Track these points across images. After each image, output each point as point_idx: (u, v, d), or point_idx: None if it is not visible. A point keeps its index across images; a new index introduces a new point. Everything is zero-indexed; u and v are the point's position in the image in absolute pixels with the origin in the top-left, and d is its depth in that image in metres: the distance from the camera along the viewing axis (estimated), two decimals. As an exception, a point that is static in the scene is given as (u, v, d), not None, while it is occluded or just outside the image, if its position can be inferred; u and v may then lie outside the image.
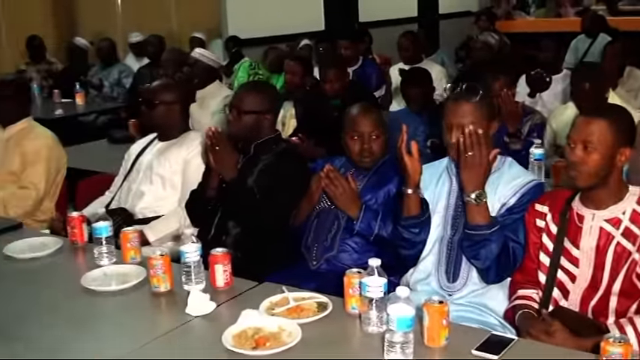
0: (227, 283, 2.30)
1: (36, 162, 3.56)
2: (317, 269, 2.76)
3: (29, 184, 3.53)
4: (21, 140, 3.63)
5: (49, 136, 3.69)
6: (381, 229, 2.67)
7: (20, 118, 3.70)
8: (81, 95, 6.66)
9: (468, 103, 2.32)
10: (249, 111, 3.00)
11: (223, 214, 3.01)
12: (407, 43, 5.72)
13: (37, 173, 3.55)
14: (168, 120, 3.35)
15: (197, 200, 3.07)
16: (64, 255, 2.73)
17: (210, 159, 2.89)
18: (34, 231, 3.18)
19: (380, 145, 2.80)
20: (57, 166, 3.67)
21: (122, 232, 2.56)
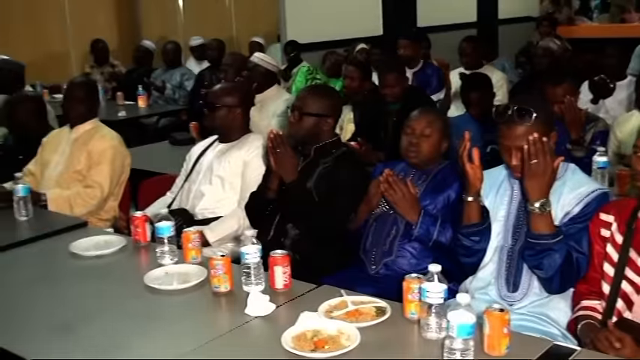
0: (286, 285, 2.31)
1: (101, 162, 3.64)
2: (375, 273, 2.75)
3: (94, 184, 3.61)
4: (88, 140, 3.71)
5: (114, 137, 3.77)
6: (440, 234, 2.66)
7: (88, 119, 3.79)
8: (143, 98, 6.78)
9: (522, 126, 2.26)
10: (310, 113, 3.02)
11: (282, 217, 3.03)
12: (468, 49, 5.67)
13: (102, 173, 3.63)
14: (229, 122, 3.40)
15: (257, 202, 3.11)
16: (128, 253, 2.79)
17: (271, 161, 2.92)
18: (98, 229, 3.26)
19: (430, 145, 2.80)
20: (121, 166, 3.74)
21: (184, 233, 2.60)
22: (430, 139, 2.80)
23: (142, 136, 5.95)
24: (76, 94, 3.77)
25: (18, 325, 2.18)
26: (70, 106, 3.78)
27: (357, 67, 4.97)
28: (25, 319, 2.22)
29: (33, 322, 2.19)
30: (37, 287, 2.50)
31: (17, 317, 2.24)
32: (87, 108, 3.78)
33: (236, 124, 3.42)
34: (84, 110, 3.77)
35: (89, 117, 3.79)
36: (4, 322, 2.22)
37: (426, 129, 2.80)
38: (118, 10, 9.97)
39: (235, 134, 3.43)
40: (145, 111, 6.77)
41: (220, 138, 3.49)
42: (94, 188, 3.61)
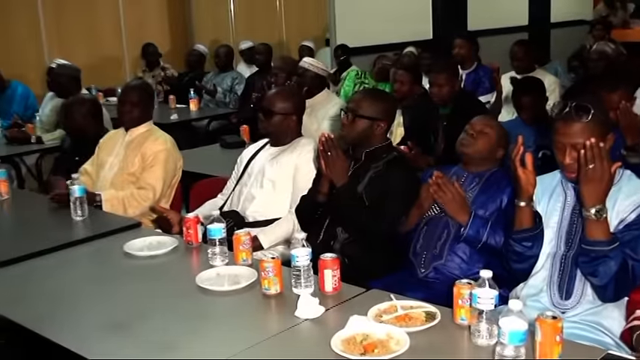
0: (335, 288, 2.32)
1: (154, 164, 3.70)
2: (424, 277, 2.74)
3: (147, 186, 3.67)
4: (142, 143, 3.78)
5: (167, 140, 3.82)
6: (490, 237, 2.64)
7: (143, 122, 3.85)
8: (195, 101, 6.88)
9: (579, 122, 2.23)
10: (363, 116, 3.03)
11: (332, 220, 3.03)
12: (520, 52, 5.59)
13: (155, 175, 3.68)
14: (283, 128, 3.42)
15: (307, 205, 3.12)
16: (179, 254, 2.83)
17: (322, 164, 2.93)
18: (151, 230, 3.31)
19: (485, 143, 2.83)
20: (174, 169, 3.80)
21: (235, 235, 2.62)
22: (487, 138, 2.84)
23: (193, 139, 6.03)
24: (131, 97, 3.83)
25: (75, 323, 2.24)
26: (125, 110, 3.84)
27: (407, 71, 4.95)
28: (82, 317, 2.27)
29: (89, 320, 2.24)
30: (93, 286, 2.57)
31: (74, 315, 2.29)
32: (141, 111, 3.84)
33: (289, 130, 3.44)
34: (138, 114, 3.83)
35: (143, 120, 3.85)
36: (61, 319, 2.27)
37: (486, 128, 2.86)
38: (170, 14, 10.14)
39: (288, 138, 3.45)
40: (196, 114, 6.86)
41: (272, 142, 3.52)
42: (147, 190, 3.66)
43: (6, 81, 6.36)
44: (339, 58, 7.95)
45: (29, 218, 3.49)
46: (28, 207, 3.61)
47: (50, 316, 2.30)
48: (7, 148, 5.40)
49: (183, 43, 9.95)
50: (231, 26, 10.38)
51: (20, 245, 2.98)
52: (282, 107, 3.40)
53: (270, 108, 3.40)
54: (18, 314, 2.32)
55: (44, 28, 8.70)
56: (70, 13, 8.94)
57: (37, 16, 8.65)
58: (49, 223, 3.35)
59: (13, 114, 6.01)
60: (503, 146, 2.88)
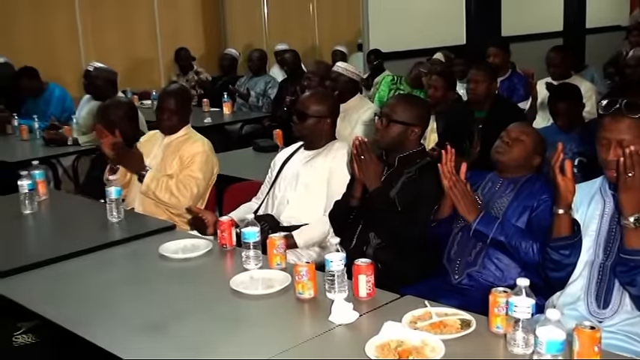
0: (369, 293, 2.31)
1: (192, 164, 3.70)
2: (458, 284, 2.72)
3: (187, 184, 3.65)
4: (180, 146, 3.78)
5: (205, 143, 3.82)
6: (498, 233, 2.62)
7: (181, 127, 3.87)
8: (228, 105, 6.92)
9: (629, 118, 2.19)
10: (398, 120, 3.03)
11: (365, 225, 3.03)
12: (557, 59, 5.53)
13: (194, 175, 3.67)
14: (317, 132, 3.42)
15: (340, 210, 3.12)
16: (213, 257, 2.84)
17: (355, 168, 2.93)
18: (185, 232, 3.33)
19: (521, 150, 2.80)
20: (211, 172, 3.79)
21: (269, 239, 2.63)
22: (522, 145, 2.81)
23: (227, 143, 6.06)
24: (169, 104, 3.81)
25: (110, 323, 2.26)
26: (163, 117, 3.82)
27: (441, 77, 4.93)
28: (117, 317, 2.30)
29: (124, 321, 2.26)
30: (128, 287, 2.59)
31: (109, 315, 2.32)
32: (179, 117, 3.84)
33: (324, 133, 3.44)
34: (177, 120, 3.83)
35: (182, 125, 3.86)
36: (96, 319, 2.29)
37: (522, 135, 2.82)
38: (205, 18, 10.23)
39: (322, 142, 3.45)
40: (230, 118, 6.90)
41: (306, 145, 3.52)
42: (186, 188, 3.64)
43: (44, 83, 6.46)
44: (372, 63, 7.94)
45: (66, 219, 3.53)
46: (65, 208, 3.66)
47: (85, 316, 2.33)
48: (44, 150, 5.48)
49: (216, 47, 10.03)
50: (265, 30, 10.44)
51: (57, 246, 3.02)
52: (316, 110, 3.40)
53: (304, 111, 3.41)
54: (53, 313, 2.35)
55: (81, 31, 8.84)
56: (106, 16, 9.07)
57: (75, 20, 8.79)
58: (85, 224, 3.38)
59: (50, 116, 6.10)
60: (540, 153, 2.85)
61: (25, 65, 6.52)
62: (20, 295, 2.52)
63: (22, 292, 2.56)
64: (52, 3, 8.62)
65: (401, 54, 8.20)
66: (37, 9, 8.46)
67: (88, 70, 5.69)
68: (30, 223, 3.44)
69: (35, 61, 6.78)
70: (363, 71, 8.40)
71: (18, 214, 3.44)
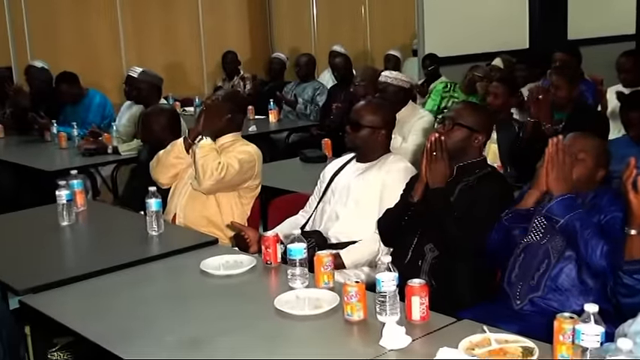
0: (423, 317, 2.29)
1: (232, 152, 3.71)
2: (520, 309, 2.67)
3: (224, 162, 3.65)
4: (227, 149, 3.78)
5: (255, 149, 3.82)
6: (576, 218, 2.54)
7: (232, 132, 3.88)
8: (274, 112, 6.95)
9: None
10: (463, 124, 3.05)
11: (421, 238, 3.01)
12: (628, 64, 5.41)
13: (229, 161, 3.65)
14: (372, 143, 3.42)
15: (393, 213, 3.11)
16: (257, 274, 2.85)
17: (423, 163, 2.94)
18: (228, 248, 3.35)
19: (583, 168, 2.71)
20: (250, 175, 3.76)
21: (316, 256, 2.62)
22: (582, 165, 2.71)
23: (272, 152, 6.10)
24: (221, 111, 3.82)
25: (146, 340, 2.29)
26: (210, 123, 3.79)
27: (502, 83, 4.86)
28: (154, 334, 2.33)
29: (161, 338, 2.29)
30: (167, 304, 2.61)
31: (146, 333, 2.35)
32: (232, 123, 3.86)
33: (378, 145, 3.44)
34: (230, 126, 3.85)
35: (229, 130, 3.86)
36: (133, 337, 2.32)
37: (580, 153, 2.72)
38: (251, 21, 10.33)
39: (376, 154, 3.45)
40: (276, 126, 6.93)
41: (359, 157, 3.51)
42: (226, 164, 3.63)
43: (83, 89, 6.58)
44: (427, 69, 7.89)
45: (104, 231, 3.60)
46: (103, 220, 3.72)
47: (121, 332, 2.36)
48: (83, 159, 5.58)
49: (263, 50, 10.12)
50: (313, 33, 10.48)
51: (94, 260, 3.08)
52: (370, 120, 3.40)
53: (358, 120, 3.41)
54: (88, 329, 2.39)
55: (122, 36, 9.02)
56: (148, 20, 9.25)
57: (116, 24, 8.98)
58: (123, 237, 3.44)
59: (90, 123, 6.22)
60: (604, 165, 2.76)
61: (65, 70, 6.66)
62: (55, 310, 2.57)
63: (57, 307, 2.61)
64: (94, 7, 8.83)
65: (459, 59, 8.12)
66: (79, 14, 8.69)
67: (131, 75, 5.77)
68: (67, 236, 3.51)
69: (75, 67, 6.93)
70: (417, 77, 8.39)
71: (55, 225, 3.51)
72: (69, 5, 8.63)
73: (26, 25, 8.36)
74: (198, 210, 3.75)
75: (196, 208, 3.75)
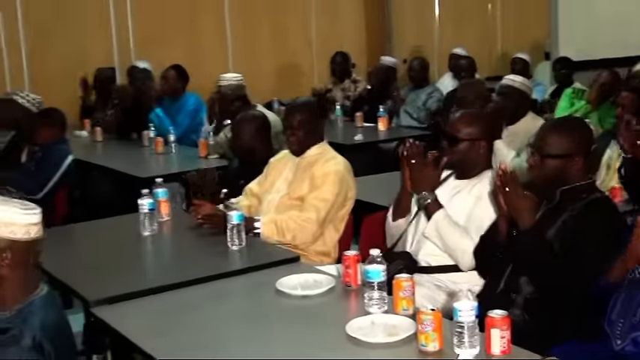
0: (504, 351, 2.29)
1: (322, 185, 3.80)
2: (620, 350, 2.60)
3: (310, 207, 3.77)
4: (312, 164, 3.90)
5: (341, 162, 3.91)
6: None
7: (316, 143, 3.99)
8: (384, 120, 6.93)
9: None
10: (552, 155, 2.96)
11: (515, 268, 2.98)
12: None
13: (322, 196, 3.77)
14: (470, 157, 3.40)
15: (486, 247, 3.09)
16: (335, 296, 2.92)
17: (500, 202, 2.90)
18: (308, 266, 3.41)
19: None
20: (344, 196, 3.86)
21: (395, 280, 2.66)
22: None
23: (379, 163, 6.12)
24: (294, 119, 3.94)
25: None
26: (288, 135, 3.97)
27: (633, 93, 4.71)
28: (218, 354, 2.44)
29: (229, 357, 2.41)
30: (238, 323, 2.74)
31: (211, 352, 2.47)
32: (313, 132, 3.96)
33: (478, 160, 3.41)
34: (310, 135, 3.95)
35: (312, 142, 3.97)
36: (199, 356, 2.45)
37: None
38: (367, 21, 10.42)
39: (475, 169, 3.42)
40: (385, 135, 6.93)
41: (457, 173, 3.50)
42: (309, 211, 3.76)
43: (179, 90, 6.85)
44: (559, 72, 7.71)
45: (185, 243, 3.77)
46: (186, 231, 3.87)
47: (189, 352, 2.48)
48: (176, 165, 5.83)
49: (379, 53, 10.19)
50: (436, 33, 10.45)
51: (170, 273, 3.27)
52: (467, 132, 3.38)
53: (454, 134, 3.40)
54: (155, 347, 2.52)
55: (230, 36, 9.32)
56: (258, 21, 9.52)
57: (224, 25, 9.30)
58: (204, 250, 3.58)
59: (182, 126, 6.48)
60: None
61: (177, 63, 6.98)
62: (125, 324, 2.74)
63: (127, 320, 2.78)
64: (201, 8, 9.19)
65: (595, 63, 7.90)
66: (187, 17, 9.06)
67: None
68: (147, 246, 3.71)
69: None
70: (549, 83, 8.23)
71: (137, 235, 3.71)
72: (175, 6, 9.02)
73: (130, 26, 8.81)
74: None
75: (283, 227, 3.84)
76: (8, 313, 2.28)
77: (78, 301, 3.18)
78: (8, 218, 2.19)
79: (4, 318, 2.26)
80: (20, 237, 2.20)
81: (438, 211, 3.29)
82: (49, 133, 5.22)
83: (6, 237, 2.18)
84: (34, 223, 2.25)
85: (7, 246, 2.18)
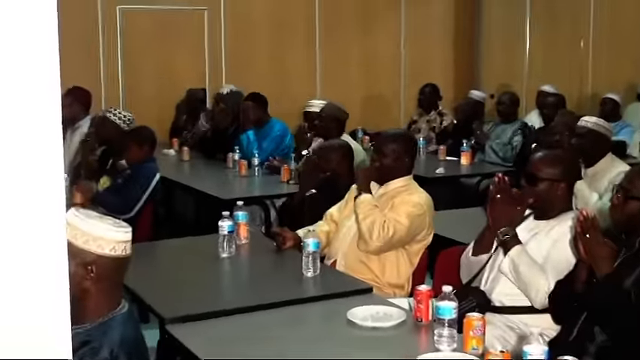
0: (572, 400, 2.25)
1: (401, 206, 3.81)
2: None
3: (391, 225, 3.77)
4: (394, 197, 3.91)
5: (425, 197, 3.91)
6: None
7: (402, 175, 4.00)
8: (467, 155, 6.87)
9: None
10: (636, 197, 2.90)
11: (589, 315, 2.92)
12: None
13: (397, 218, 3.77)
14: (550, 198, 3.37)
15: (562, 292, 3.04)
16: (405, 330, 2.92)
17: (580, 248, 2.86)
18: (381, 298, 3.42)
19: None
20: (420, 229, 3.87)
21: (466, 318, 2.65)
22: None
23: (459, 198, 6.09)
24: (392, 147, 3.97)
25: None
26: (382, 161, 3.98)
27: None
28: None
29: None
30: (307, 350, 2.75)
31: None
32: (401, 164, 3.98)
33: (557, 201, 3.38)
34: (397, 167, 3.97)
35: (402, 174, 3.99)
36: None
37: None
38: (456, 53, 10.41)
39: (555, 211, 3.38)
40: (467, 170, 6.88)
41: (536, 214, 3.47)
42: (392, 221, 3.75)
43: (268, 115, 6.97)
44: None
45: (260, 268, 3.83)
46: (263, 255, 3.93)
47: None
48: (259, 189, 5.92)
49: (467, 86, 10.13)
50: (525, 69, 10.33)
51: (245, 295, 3.34)
52: (549, 172, 3.35)
53: (534, 173, 3.37)
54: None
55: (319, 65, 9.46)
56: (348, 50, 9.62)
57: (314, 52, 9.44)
58: (278, 275, 3.65)
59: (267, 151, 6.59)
60: None
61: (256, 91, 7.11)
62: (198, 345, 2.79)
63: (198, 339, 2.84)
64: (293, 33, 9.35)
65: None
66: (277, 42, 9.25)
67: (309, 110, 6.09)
68: (224, 268, 3.78)
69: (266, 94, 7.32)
70: (639, 125, 8.02)
71: (215, 256, 3.78)
72: (267, 32, 9.21)
73: (224, 49, 9.03)
74: (361, 258, 3.87)
75: (359, 255, 3.87)
76: (89, 325, 2.35)
77: (154, 316, 3.26)
78: (97, 233, 2.25)
79: (84, 331, 2.33)
80: (107, 253, 2.26)
81: (515, 247, 3.26)
82: (139, 152, 5.36)
83: (93, 251, 2.25)
84: (122, 240, 2.30)
85: (93, 260, 2.25)
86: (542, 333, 2.34)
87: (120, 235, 2.28)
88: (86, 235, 2.21)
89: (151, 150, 5.49)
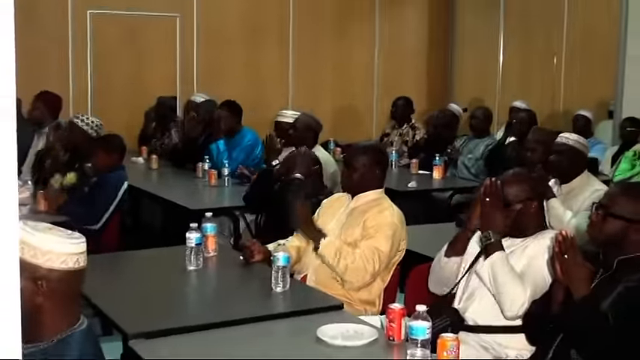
0: None
1: (377, 236, 3.74)
2: None
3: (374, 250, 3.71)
4: (366, 211, 3.84)
5: (395, 214, 3.85)
6: None
7: (373, 188, 3.94)
8: (439, 169, 6.84)
9: None
10: (617, 215, 2.84)
11: (566, 337, 2.86)
12: None
13: (375, 246, 3.71)
14: (523, 218, 3.31)
15: (537, 313, 2.98)
16: (375, 349, 2.82)
17: (557, 268, 2.80)
18: (351, 315, 3.34)
19: None
20: (396, 249, 3.81)
21: (440, 339, 2.58)
22: None
23: (430, 212, 6.05)
24: (362, 160, 3.91)
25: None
26: (352, 174, 3.93)
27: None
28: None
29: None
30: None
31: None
32: (374, 176, 3.93)
33: (531, 219, 3.33)
34: (370, 179, 3.92)
35: (373, 187, 3.93)
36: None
37: None
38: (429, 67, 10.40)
39: (529, 230, 3.33)
40: (439, 184, 6.84)
41: (511, 232, 3.41)
42: (374, 253, 3.70)
43: (237, 125, 6.87)
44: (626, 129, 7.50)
45: (227, 282, 3.73)
46: (231, 268, 3.83)
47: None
48: (229, 200, 5.82)
49: (440, 99, 10.12)
50: (498, 84, 10.35)
51: (211, 311, 3.22)
52: (517, 194, 3.30)
53: (504, 196, 3.31)
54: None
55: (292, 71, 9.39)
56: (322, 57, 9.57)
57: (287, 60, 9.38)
58: (246, 290, 3.55)
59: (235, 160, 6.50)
60: None
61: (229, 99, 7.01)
62: (159, 359, 2.68)
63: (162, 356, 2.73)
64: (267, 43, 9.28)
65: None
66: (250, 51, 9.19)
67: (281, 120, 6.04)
68: (191, 281, 3.67)
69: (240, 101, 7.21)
70: (611, 142, 8.05)
71: (182, 269, 3.67)
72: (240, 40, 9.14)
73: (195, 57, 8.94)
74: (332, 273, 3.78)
75: (330, 271, 3.78)
76: (45, 344, 2.23)
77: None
78: (46, 246, 2.13)
79: (39, 350, 2.21)
80: (57, 266, 2.14)
81: (497, 252, 3.19)
82: (107, 159, 5.26)
83: (42, 265, 2.13)
84: (74, 252, 2.18)
85: (43, 275, 2.13)
86: (519, 356, 2.25)
87: (71, 247, 2.16)
88: (34, 248, 2.09)
89: (119, 158, 5.39)
